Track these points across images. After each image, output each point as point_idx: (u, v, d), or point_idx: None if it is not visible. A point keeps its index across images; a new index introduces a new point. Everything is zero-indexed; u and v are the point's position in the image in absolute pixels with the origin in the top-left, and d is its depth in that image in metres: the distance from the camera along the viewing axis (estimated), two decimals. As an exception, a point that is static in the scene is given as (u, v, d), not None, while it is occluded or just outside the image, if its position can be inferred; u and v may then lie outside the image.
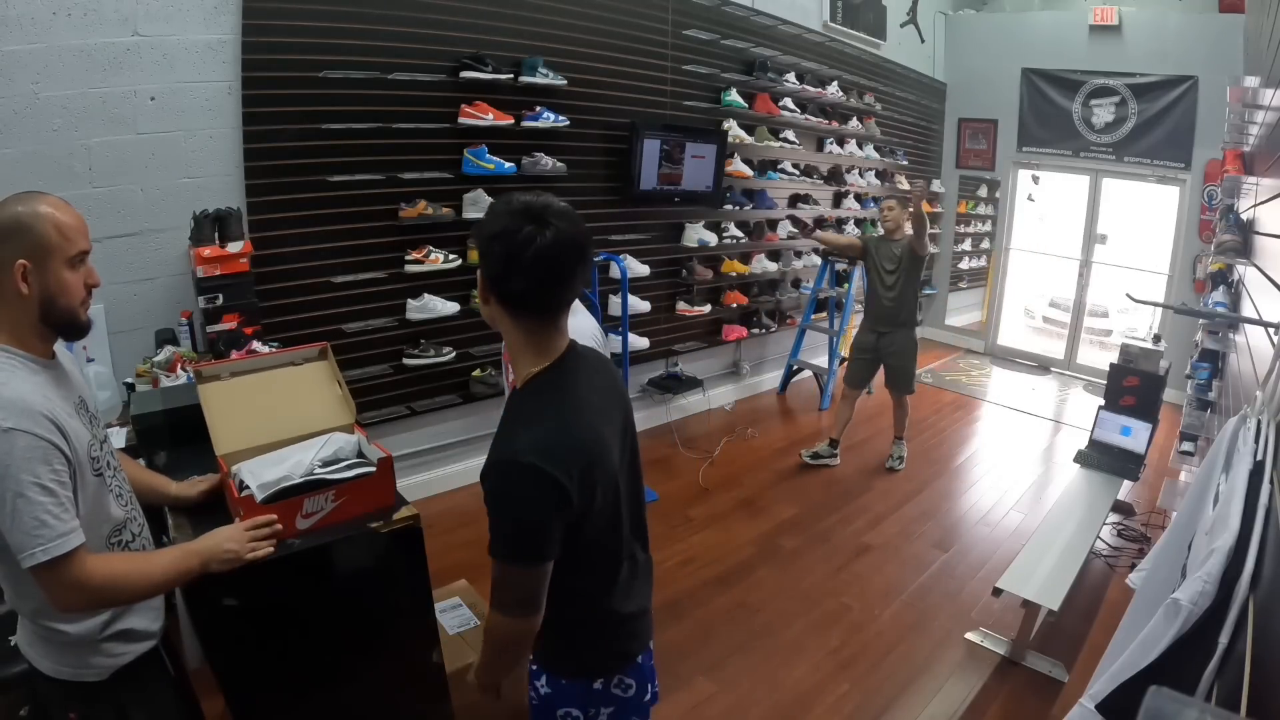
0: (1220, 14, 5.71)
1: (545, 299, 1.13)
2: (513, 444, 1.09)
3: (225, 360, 2.18)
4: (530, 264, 1.07)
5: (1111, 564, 3.41)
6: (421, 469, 3.67)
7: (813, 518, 3.76)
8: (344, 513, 1.49)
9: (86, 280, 1.20)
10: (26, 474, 1.05)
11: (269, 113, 2.90)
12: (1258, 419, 1.40)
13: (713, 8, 4.54)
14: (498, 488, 1.10)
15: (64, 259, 1.14)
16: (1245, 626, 0.99)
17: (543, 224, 1.07)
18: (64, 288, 1.15)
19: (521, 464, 1.06)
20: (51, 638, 1.20)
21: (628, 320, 3.90)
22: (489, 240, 1.09)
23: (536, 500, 1.08)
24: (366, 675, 1.62)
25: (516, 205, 1.10)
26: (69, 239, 1.14)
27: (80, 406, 1.23)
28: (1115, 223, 6.79)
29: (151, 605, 1.35)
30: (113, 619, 1.24)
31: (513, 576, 1.13)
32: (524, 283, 1.09)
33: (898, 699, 2.50)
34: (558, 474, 1.07)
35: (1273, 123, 2.67)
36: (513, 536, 1.11)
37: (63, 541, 1.07)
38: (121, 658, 1.27)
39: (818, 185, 5.69)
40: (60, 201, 1.16)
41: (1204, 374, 3.34)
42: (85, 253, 1.18)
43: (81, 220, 1.18)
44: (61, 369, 1.23)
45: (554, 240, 1.07)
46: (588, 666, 1.31)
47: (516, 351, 1.18)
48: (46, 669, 1.22)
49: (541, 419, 1.12)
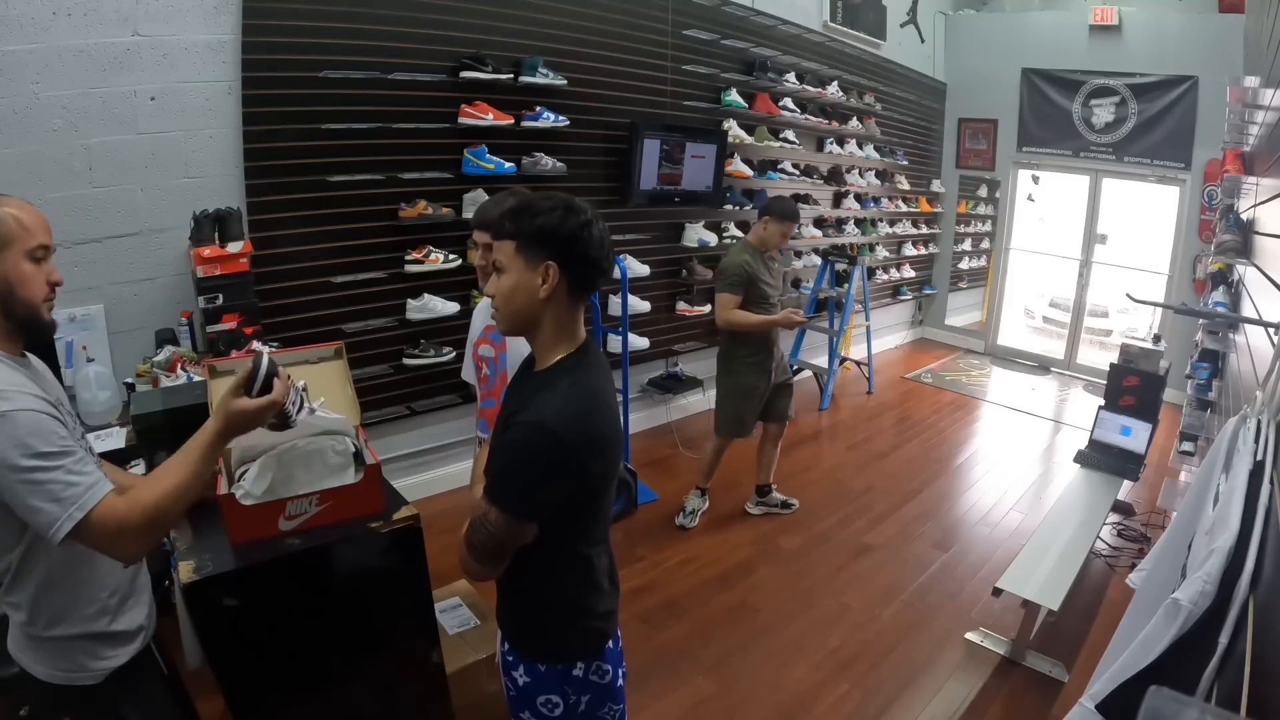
0: (1220, 14, 5.71)
1: (609, 275, 1.28)
2: (544, 410, 1.15)
3: (240, 355, 2.18)
4: (610, 245, 1.24)
5: (1111, 564, 3.41)
6: (421, 469, 3.67)
7: (813, 518, 3.76)
8: (329, 516, 1.50)
9: (48, 277, 1.19)
10: (38, 440, 1.05)
11: (269, 113, 2.91)
12: (1258, 419, 1.40)
13: (713, 8, 4.54)
14: (519, 442, 1.16)
15: (23, 250, 1.14)
16: (1245, 626, 0.99)
17: (595, 215, 1.23)
18: (23, 278, 1.14)
19: (549, 430, 1.13)
20: (41, 643, 1.19)
21: (628, 320, 3.90)
22: (583, 228, 1.18)
23: (550, 467, 1.15)
24: (367, 675, 1.62)
25: (563, 199, 1.22)
26: (29, 230, 1.14)
27: (57, 405, 1.21)
28: (1115, 223, 6.79)
29: (143, 601, 1.34)
30: (105, 614, 1.24)
31: (495, 522, 1.17)
32: (611, 263, 1.25)
33: (898, 699, 2.50)
34: (580, 450, 1.15)
35: (1273, 123, 2.67)
36: (513, 489, 1.17)
37: (95, 490, 1.07)
38: (113, 660, 1.26)
39: (818, 185, 5.69)
40: (23, 202, 1.17)
41: (1204, 374, 3.34)
42: (46, 247, 1.18)
43: (44, 219, 1.19)
44: (34, 370, 1.22)
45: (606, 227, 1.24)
46: (571, 648, 1.33)
47: (550, 339, 1.25)
48: (40, 673, 1.21)
49: (574, 396, 1.18)
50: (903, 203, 6.79)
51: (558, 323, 1.24)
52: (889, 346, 7.02)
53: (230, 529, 1.43)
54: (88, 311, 2.61)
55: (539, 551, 1.23)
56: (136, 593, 1.33)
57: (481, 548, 1.20)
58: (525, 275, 1.19)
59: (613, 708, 1.41)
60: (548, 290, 1.19)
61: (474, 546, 1.20)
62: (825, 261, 5.56)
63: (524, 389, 1.27)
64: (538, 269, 1.19)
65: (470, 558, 1.22)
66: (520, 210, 1.20)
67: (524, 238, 1.19)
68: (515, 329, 1.26)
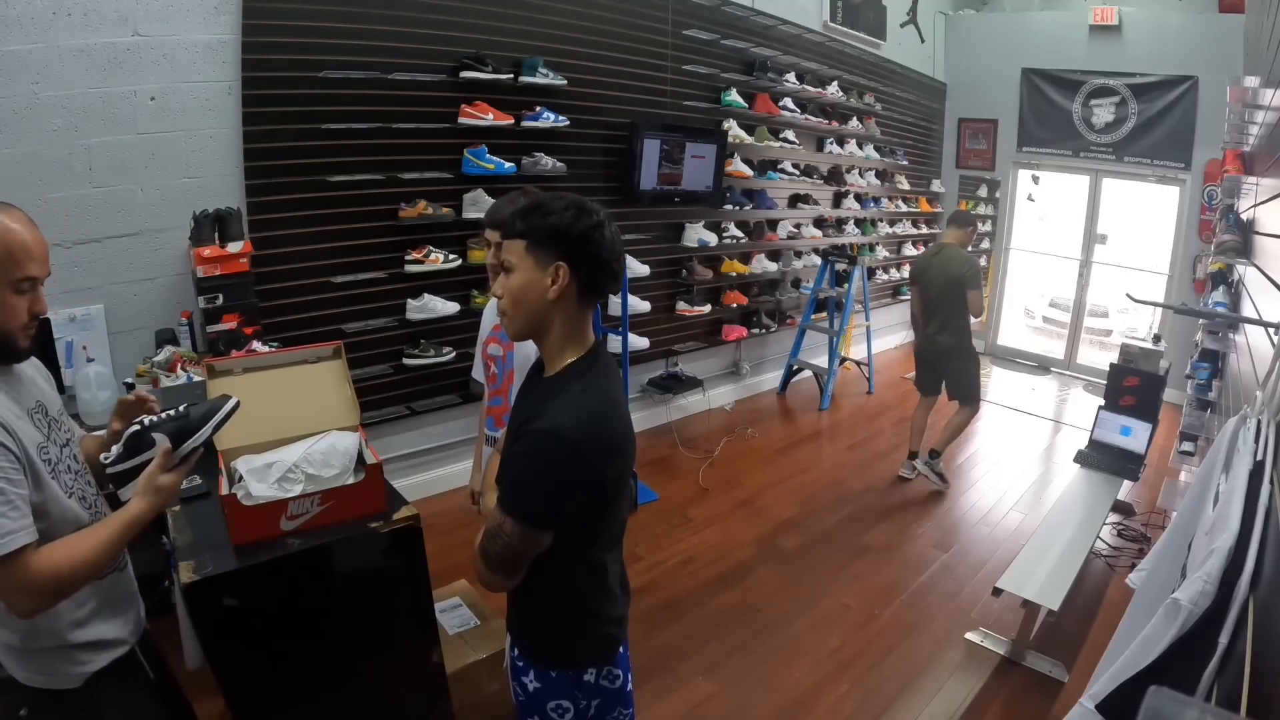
0: (1220, 14, 5.71)
1: (619, 279, 1.26)
2: (557, 418, 1.13)
3: (240, 355, 2.18)
4: (621, 248, 1.23)
5: (1111, 564, 3.41)
6: (421, 469, 3.67)
7: (813, 518, 3.76)
8: (330, 516, 1.50)
9: (32, 307, 1.14)
10: None
11: (269, 113, 2.91)
12: (1258, 419, 1.40)
13: (713, 8, 4.54)
14: (533, 451, 1.14)
15: (7, 280, 1.09)
16: (1245, 626, 0.99)
17: (606, 216, 1.21)
18: (2, 308, 1.10)
19: (563, 438, 1.12)
20: (15, 645, 1.18)
21: (628, 320, 3.90)
22: (594, 229, 1.17)
23: (565, 475, 1.14)
24: (367, 675, 1.62)
25: (575, 200, 1.20)
26: (17, 260, 1.09)
27: (36, 410, 1.20)
28: (1115, 223, 6.79)
29: (122, 612, 1.32)
30: (78, 627, 1.22)
31: (511, 532, 1.15)
32: (622, 264, 1.24)
33: (898, 699, 2.50)
34: (595, 456, 1.14)
35: (1273, 123, 2.67)
36: (530, 498, 1.15)
37: (10, 540, 1.03)
38: (92, 665, 1.24)
39: (818, 185, 5.69)
40: (23, 218, 1.12)
41: (1204, 374, 3.34)
42: (33, 279, 1.12)
43: (42, 245, 1.13)
44: (16, 376, 1.19)
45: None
46: (583, 655, 1.32)
47: (560, 342, 1.23)
48: (20, 677, 1.20)
49: (586, 402, 1.17)
50: (903, 203, 6.79)
51: (567, 326, 1.22)
52: (889, 346, 7.02)
53: (232, 529, 1.43)
54: (88, 311, 2.61)
55: (551, 558, 1.20)
56: (114, 603, 1.30)
57: (498, 559, 1.17)
58: (535, 275, 1.18)
59: (622, 712, 1.40)
60: (557, 291, 1.17)
61: (490, 558, 1.18)
62: (825, 261, 5.56)
63: (535, 395, 1.25)
64: (548, 269, 1.17)
65: (486, 569, 1.20)
66: (532, 209, 1.19)
67: (535, 237, 1.17)
68: (524, 332, 1.24)
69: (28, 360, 1.23)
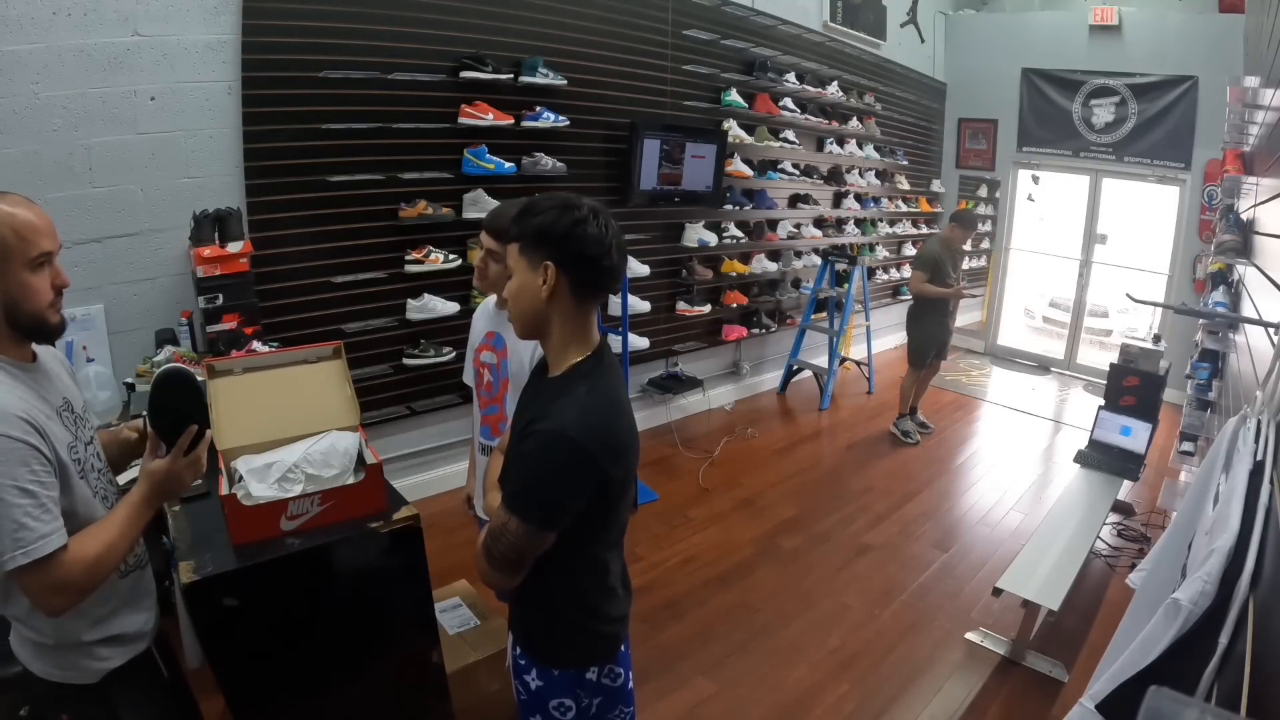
0: (1220, 14, 5.71)
1: (619, 276, 1.24)
2: (562, 418, 1.14)
3: (240, 355, 2.17)
4: (614, 244, 1.19)
5: (1111, 564, 3.41)
6: (421, 469, 3.67)
7: (813, 518, 3.76)
8: (331, 516, 1.50)
9: (54, 281, 1.15)
10: (4, 477, 1.03)
11: (269, 113, 2.90)
12: (1258, 419, 1.40)
13: (713, 8, 4.54)
14: (539, 451, 1.14)
15: (24, 261, 1.10)
16: (1245, 626, 0.99)
17: (597, 211, 1.19)
18: (26, 291, 1.11)
19: (569, 438, 1.12)
20: (40, 642, 1.20)
21: (628, 320, 3.90)
22: (576, 225, 1.16)
23: (571, 475, 1.14)
24: (366, 675, 1.62)
25: (563, 199, 1.19)
26: (27, 240, 1.10)
27: (64, 408, 1.21)
28: (1115, 223, 6.79)
29: (142, 606, 1.34)
30: (99, 624, 1.23)
31: (516, 532, 1.15)
32: (612, 260, 1.19)
33: (898, 699, 2.50)
34: (601, 457, 1.14)
35: (1273, 123, 2.67)
36: (535, 499, 1.16)
37: (44, 543, 1.05)
38: (111, 661, 1.26)
39: (818, 185, 5.69)
40: (21, 200, 1.12)
41: (1204, 374, 3.34)
42: (48, 254, 1.13)
43: (46, 220, 1.13)
44: (43, 371, 1.21)
45: (614, 225, 1.20)
46: (585, 653, 1.33)
47: (562, 342, 1.23)
48: (37, 670, 1.21)
49: (592, 402, 1.17)
50: (903, 203, 6.79)
51: (567, 325, 1.22)
52: (889, 346, 7.01)
53: (232, 529, 1.43)
54: (88, 311, 2.61)
55: (554, 557, 1.21)
56: (136, 599, 1.32)
57: (502, 558, 1.18)
58: (528, 276, 1.19)
59: (624, 710, 1.41)
60: (548, 290, 1.18)
61: (494, 557, 1.19)
62: (825, 261, 5.56)
63: (540, 396, 1.25)
64: (538, 269, 1.18)
65: (490, 569, 1.20)
66: (522, 212, 1.20)
67: (525, 239, 1.19)
68: (527, 332, 1.25)
69: (47, 349, 1.23)
